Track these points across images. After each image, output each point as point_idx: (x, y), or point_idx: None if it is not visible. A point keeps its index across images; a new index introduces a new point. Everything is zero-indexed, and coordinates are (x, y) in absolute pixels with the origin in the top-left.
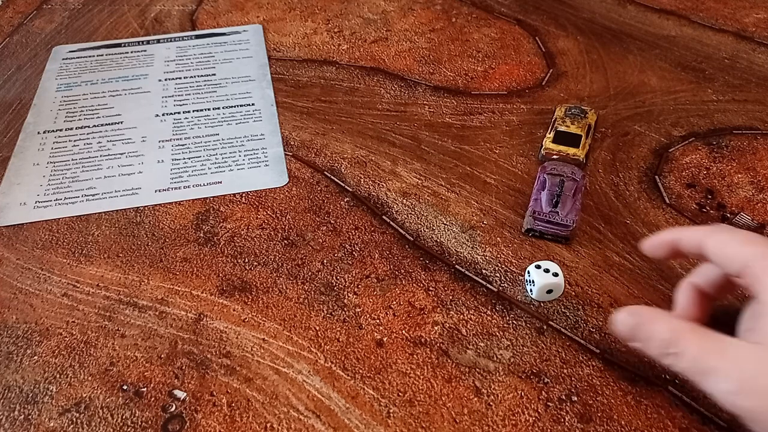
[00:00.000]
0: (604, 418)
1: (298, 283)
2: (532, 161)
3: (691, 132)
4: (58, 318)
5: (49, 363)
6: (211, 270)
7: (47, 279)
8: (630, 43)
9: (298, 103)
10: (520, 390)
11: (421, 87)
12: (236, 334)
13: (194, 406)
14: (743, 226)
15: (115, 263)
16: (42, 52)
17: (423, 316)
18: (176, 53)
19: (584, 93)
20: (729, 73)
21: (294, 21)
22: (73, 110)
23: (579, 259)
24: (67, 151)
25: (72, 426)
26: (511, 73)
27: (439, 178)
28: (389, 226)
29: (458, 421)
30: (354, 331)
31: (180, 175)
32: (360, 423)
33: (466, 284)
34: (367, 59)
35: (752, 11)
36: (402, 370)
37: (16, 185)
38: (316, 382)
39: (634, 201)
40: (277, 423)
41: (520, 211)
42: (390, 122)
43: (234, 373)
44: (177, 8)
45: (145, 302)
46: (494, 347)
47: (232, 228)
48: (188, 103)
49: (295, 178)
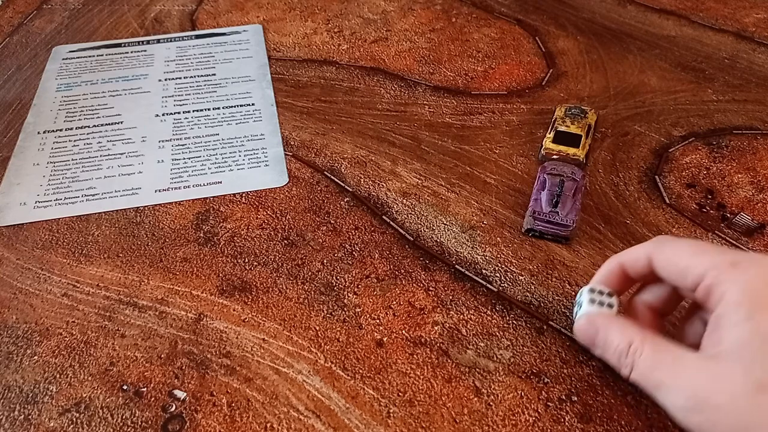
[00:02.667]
0: (604, 418)
1: (298, 283)
2: (532, 161)
3: (691, 132)
4: (58, 318)
5: (49, 363)
6: (211, 270)
7: (47, 279)
8: (630, 43)
9: (298, 103)
10: (520, 390)
11: (421, 87)
12: (236, 334)
13: (194, 406)
14: (743, 226)
15: (115, 263)
16: (42, 52)
17: (423, 316)
18: (176, 53)
19: (584, 93)
20: (729, 73)
21: (294, 21)
22: (73, 110)
23: (579, 259)
24: (67, 151)
25: (72, 426)
26: (511, 73)
27: (439, 178)
28: (389, 226)
29: (458, 421)
30: (354, 331)
31: (180, 175)
32: (360, 423)
33: (466, 284)
34: (367, 59)
35: (752, 11)
36: (402, 370)
37: (16, 185)
38: (316, 382)
39: (634, 201)
40: (277, 423)
41: (520, 211)
42: (390, 122)
43: (234, 373)
44: (177, 8)
45: (145, 302)
46: (494, 347)
47: (232, 228)
48: (188, 103)
49: (295, 178)
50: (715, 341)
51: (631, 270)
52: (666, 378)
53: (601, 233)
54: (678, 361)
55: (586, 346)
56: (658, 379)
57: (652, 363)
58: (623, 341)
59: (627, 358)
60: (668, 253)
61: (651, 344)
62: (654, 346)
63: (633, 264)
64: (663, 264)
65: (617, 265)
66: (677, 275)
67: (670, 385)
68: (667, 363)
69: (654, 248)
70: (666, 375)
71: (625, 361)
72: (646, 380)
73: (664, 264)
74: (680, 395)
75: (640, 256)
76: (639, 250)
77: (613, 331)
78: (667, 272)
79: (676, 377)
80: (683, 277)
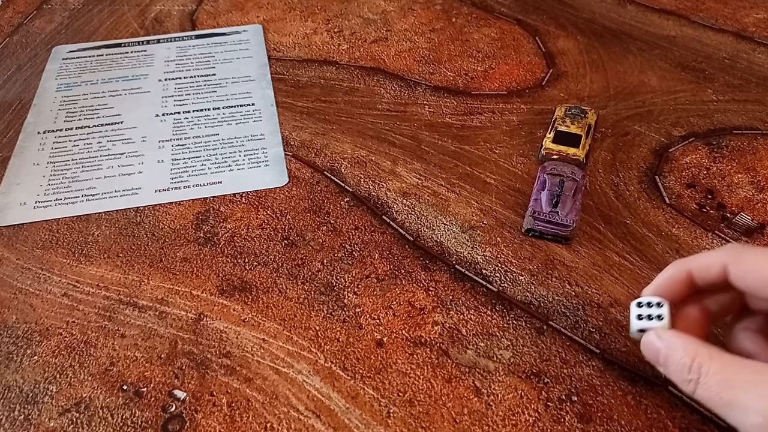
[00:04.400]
0: (604, 418)
1: (298, 283)
2: (532, 161)
3: (691, 132)
4: (58, 318)
5: (49, 363)
6: (211, 270)
7: (47, 279)
8: (630, 43)
9: (298, 103)
10: (520, 390)
11: (421, 87)
12: (236, 334)
13: (194, 406)
14: (743, 226)
15: (115, 263)
16: (42, 52)
17: (423, 316)
18: (176, 53)
19: (584, 93)
20: (729, 73)
21: (294, 21)
22: (73, 110)
23: (579, 259)
24: (67, 151)
25: (72, 426)
26: (511, 73)
27: (439, 178)
28: (389, 226)
29: (458, 421)
30: (354, 331)
31: (180, 175)
32: (360, 423)
33: (466, 284)
34: (367, 59)
35: (752, 11)
36: (402, 370)
37: (16, 185)
38: (316, 382)
39: (634, 201)
40: (277, 423)
41: (520, 211)
42: (390, 122)
43: (234, 373)
44: (177, 8)
45: (145, 302)
46: (494, 347)
47: (232, 228)
48: (188, 103)
49: (295, 178)
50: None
51: (700, 278)
52: (739, 396)
53: (601, 233)
54: (751, 377)
55: (651, 362)
56: (730, 396)
57: (722, 379)
58: (687, 356)
59: (691, 373)
60: (750, 262)
61: (720, 360)
62: (723, 362)
63: (704, 272)
64: (743, 273)
65: (684, 271)
66: (759, 285)
67: (744, 403)
68: (740, 380)
69: (730, 257)
70: (739, 393)
71: (688, 376)
72: (716, 398)
73: (744, 273)
74: (756, 414)
75: (713, 264)
76: (712, 257)
77: (679, 345)
78: (748, 281)
79: (751, 395)
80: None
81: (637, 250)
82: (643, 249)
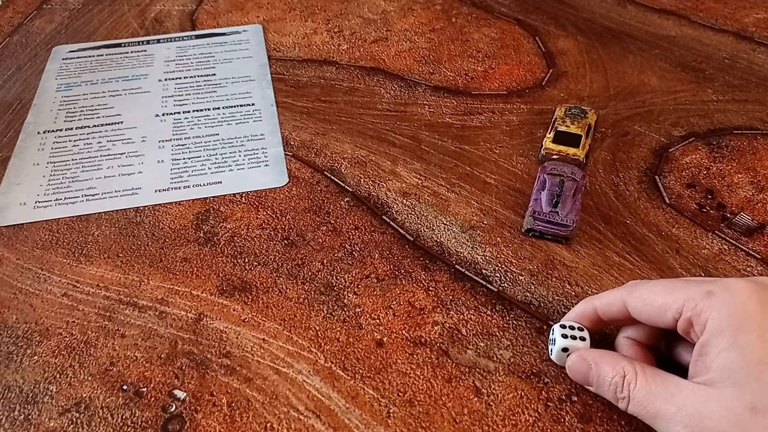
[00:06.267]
0: (604, 418)
1: (298, 283)
2: (532, 161)
3: (691, 132)
4: (58, 318)
5: (49, 363)
6: (211, 270)
7: (47, 279)
8: (630, 43)
9: (298, 103)
10: (520, 390)
11: (421, 87)
12: (236, 334)
13: (194, 406)
14: (743, 226)
15: (115, 263)
16: (42, 52)
17: (423, 316)
18: (176, 53)
19: (584, 93)
20: (729, 73)
21: (294, 21)
22: (73, 110)
23: (579, 259)
24: (67, 151)
25: (72, 426)
26: (511, 73)
27: (439, 178)
28: (389, 226)
29: (458, 421)
30: (354, 331)
31: (180, 175)
32: (360, 423)
33: (466, 284)
34: (367, 59)
35: (752, 11)
36: (402, 370)
37: (16, 185)
38: (316, 382)
39: (634, 201)
40: (277, 423)
41: (520, 211)
42: (390, 122)
43: (234, 373)
44: (177, 8)
45: (145, 302)
46: (494, 347)
47: (232, 228)
48: (188, 103)
49: (295, 178)
50: (702, 369)
51: (603, 314)
52: (662, 406)
53: (601, 233)
54: (671, 390)
55: (581, 383)
56: (655, 408)
57: (647, 393)
58: (617, 374)
59: (623, 391)
60: (643, 295)
61: (643, 374)
62: (647, 376)
63: (606, 308)
64: (639, 306)
65: (591, 308)
66: (655, 314)
67: (667, 413)
68: (662, 392)
69: (627, 293)
70: (662, 404)
71: (621, 394)
72: (643, 411)
73: (640, 305)
74: (678, 423)
75: (614, 301)
76: (613, 295)
77: (605, 364)
78: (644, 313)
79: (672, 405)
80: (661, 314)
81: (637, 250)
82: (643, 249)
